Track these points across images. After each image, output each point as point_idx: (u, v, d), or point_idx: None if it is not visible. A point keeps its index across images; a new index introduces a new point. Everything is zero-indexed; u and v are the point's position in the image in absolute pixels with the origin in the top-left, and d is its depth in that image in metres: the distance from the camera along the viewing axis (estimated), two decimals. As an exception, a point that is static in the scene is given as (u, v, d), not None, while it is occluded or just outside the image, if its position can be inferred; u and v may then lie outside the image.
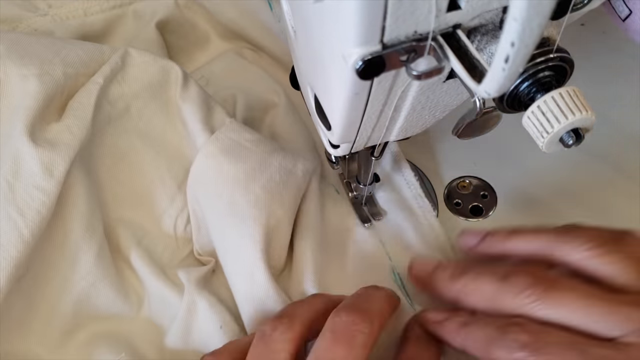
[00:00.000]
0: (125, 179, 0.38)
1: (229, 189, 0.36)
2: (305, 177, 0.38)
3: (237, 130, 0.38)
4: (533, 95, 0.23)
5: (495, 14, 0.21)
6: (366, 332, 0.28)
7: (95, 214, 0.36)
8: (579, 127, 0.23)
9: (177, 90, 0.38)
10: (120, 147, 0.38)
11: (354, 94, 0.23)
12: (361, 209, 0.40)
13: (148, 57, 0.38)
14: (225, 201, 0.36)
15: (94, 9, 0.45)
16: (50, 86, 0.35)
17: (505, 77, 0.18)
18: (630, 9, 0.34)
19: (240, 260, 0.35)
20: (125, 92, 0.37)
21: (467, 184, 0.42)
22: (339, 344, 0.27)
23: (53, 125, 0.35)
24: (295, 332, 0.29)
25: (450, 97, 0.28)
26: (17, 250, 0.32)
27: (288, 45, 0.32)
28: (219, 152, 0.37)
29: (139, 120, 0.38)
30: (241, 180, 0.36)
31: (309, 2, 0.21)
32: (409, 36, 0.20)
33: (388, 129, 0.30)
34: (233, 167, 0.36)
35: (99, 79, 0.36)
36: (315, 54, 0.25)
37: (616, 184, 0.41)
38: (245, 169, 0.36)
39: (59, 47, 0.36)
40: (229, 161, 0.36)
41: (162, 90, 0.38)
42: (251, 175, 0.36)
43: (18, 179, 0.33)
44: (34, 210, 0.32)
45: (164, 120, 0.39)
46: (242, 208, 0.35)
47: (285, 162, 0.37)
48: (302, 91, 0.35)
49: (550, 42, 0.23)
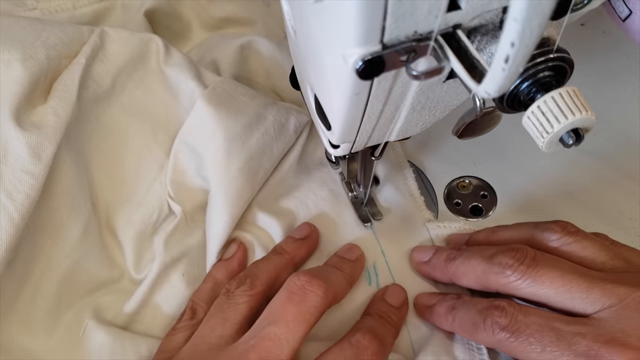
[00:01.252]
0: (113, 153, 0.39)
1: (228, 142, 0.37)
2: (296, 132, 0.40)
3: (231, 85, 0.39)
4: (533, 95, 0.23)
5: (495, 14, 0.21)
6: (320, 294, 0.30)
7: (83, 192, 0.37)
8: (579, 127, 0.23)
9: (160, 58, 0.39)
10: (106, 123, 0.38)
11: (354, 94, 0.23)
12: (361, 209, 0.40)
13: (124, 32, 0.38)
14: (222, 152, 0.37)
15: (82, 2, 0.45)
16: (34, 70, 0.35)
17: (505, 77, 0.18)
18: (630, 9, 0.34)
19: (216, 204, 0.37)
20: (110, 69, 0.38)
21: (467, 184, 0.42)
22: (291, 301, 0.30)
23: (39, 108, 0.35)
24: (257, 289, 0.32)
25: (450, 97, 0.28)
26: (7, 234, 0.32)
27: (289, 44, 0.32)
28: (217, 102, 0.37)
29: (122, 94, 0.39)
30: (239, 134, 0.37)
31: (309, 2, 0.21)
32: (409, 36, 0.20)
33: (388, 129, 0.30)
34: (232, 120, 0.37)
35: (82, 59, 0.36)
36: (315, 54, 0.25)
37: (616, 184, 0.41)
38: (243, 122, 0.37)
39: (38, 29, 0.36)
40: (228, 114, 0.37)
41: (143, 62, 0.39)
42: (248, 129, 0.37)
43: (6, 163, 0.33)
44: (23, 194, 0.33)
45: (146, 91, 0.39)
46: (236, 160, 0.37)
47: (279, 116, 0.39)
48: (302, 91, 0.35)
49: (550, 42, 0.23)
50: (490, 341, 0.29)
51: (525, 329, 0.28)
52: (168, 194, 0.39)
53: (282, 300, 0.30)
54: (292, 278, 0.31)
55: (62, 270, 0.36)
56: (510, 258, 0.30)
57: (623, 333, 0.26)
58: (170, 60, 0.38)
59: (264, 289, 0.33)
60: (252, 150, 0.37)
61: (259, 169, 0.38)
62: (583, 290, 0.28)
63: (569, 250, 0.31)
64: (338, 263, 0.35)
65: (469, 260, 0.32)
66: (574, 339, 0.27)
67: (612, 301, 0.27)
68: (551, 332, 0.27)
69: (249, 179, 0.38)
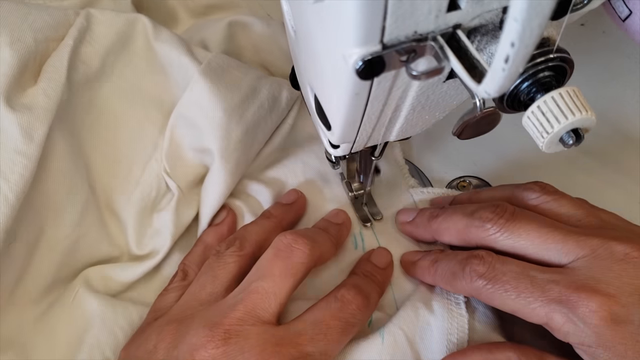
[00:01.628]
0: (108, 134, 0.39)
1: (227, 115, 0.37)
2: (288, 105, 0.41)
3: (224, 60, 0.39)
4: (533, 96, 0.23)
5: (495, 14, 0.21)
6: (306, 251, 0.32)
7: (79, 173, 0.37)
8: (579, 127, 0.23)
9: (150, 35, 0.39)
10: (99, 104, 0.38)
11: (354, 94, 0.23)
12: (361, 209, 0.40)
13: (110, 13, 0.38)
14: (223, 125, 0.37)
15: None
16: (23, 53, 0.35)
17: (505, 77, 0.18)
18: (630, 9, 0.34)
19: (215, 174, 0.38)
20: (98, 50, 0.38)
21: (467, 184, 0.42)
22: (278, 258, 0.31)
23: (29, 90, 0.35)
24: (246, 250, 0.34)
25: (450, 97, 0.28)
26: (4, 214, 0.32)
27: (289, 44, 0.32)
28: (214, 76, 0.38)
29: (112, 74, 0.39)
30: (237, 107, 0.38)
31: (309, 2, 0.21)
32: (409, 36, 0.20)
33: (388, 129, 0.30)
34: (230, 94, 0.37)
35: (69, 41, 0.36)
36: (316, 54, 0.25)
37: (616, 184, 0.41)
38: (239, 95, 0.38)
39: (24, 13, 0.36)
40: (226, 88, 0.38)
41: (130, 42, 0.39)
42: (245, 102, 0.38)
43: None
44: (17, 174, 0.33)
45: (136, 70, 0.39)
46: (236, 132, 0.38)
47: (273, 89, 0.40)
48: (302, 91, 0.35)
49: (550, 42, 0.23)
50: (469, 289, 0.30)
51: (502, 277, 0.29)
52: (164, 169, 0.39)
53: (269, 257, 0.32)
54: (279, 237, 0.32)
55: (62, 250, 0.36)
56: (490, 212, 0.31)
57: (594, 280, 0.27)
58: (160, 36, 0.39)
59: (252, 250, 0.34)
60: (248, 122, 0.38)
61: (254, 141, 0.39)
62: (558, 242, 0.29)
63: (547, 208, 0.32)
64: (324, 225, 0.37)
65: (451, 216, 0.33)
66: (547, 286, 0.28)
67: (585, 252, 0.28)
68: (526, 279, 0.29)
69: (245, 151, 0.39)
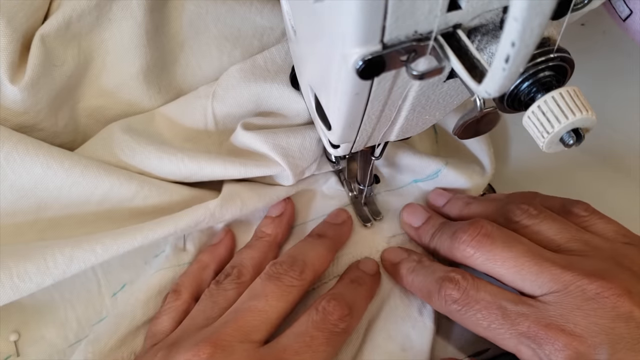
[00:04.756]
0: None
1: None
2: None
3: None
4: (533, 95, 0.23)
5: (496, 13, 0.21)
6: (295, 277, 0.33)
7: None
8: (580, 127, 0.23)
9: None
10: (89, 54, 0.38)
11: (354, 94, 0.23)
12: (361, 209, 0.40)
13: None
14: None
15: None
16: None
17: (506, 77, 0.18)
18: (630, 9, 0.34)
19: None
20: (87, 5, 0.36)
21: (467, 184, 0.42)
22: (270, 281, 0.33)
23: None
24: (244, 278, 0.34)
25: (450, 97, 0.28)
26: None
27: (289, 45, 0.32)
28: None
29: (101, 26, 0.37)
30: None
31: (309, 2, 0.21)
32: (409, 36, 0.20)
33: (388, 129, 0.30)
34: None
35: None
36: (315, 54, 0.25)
37: (616, 184, 0.41)
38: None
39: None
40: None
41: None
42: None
43: None
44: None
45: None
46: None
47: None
48: (302, 91, 0.35)
49: (551, 42, 0.23)
50: (443, 310, 0.32)
51: (474, 304, 0.30)
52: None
53: (262, 280, 0.33)
54: (270, 265, 0.34)
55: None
56: (464, 233, 0.32)
57: (562, 318, 0.28)
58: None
59: (251, 276, 0.34)
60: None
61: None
62: (533, 274, 0.30)
63: (529, 231, 0.32)
64: (322, 230, 0.38)
65: (441, 237, 0.35)
66: (517, 319, 0.29)
67: (558, 287, 0.29)
68: (498, 310, 0.29)
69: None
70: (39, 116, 0.36)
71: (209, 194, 0.38)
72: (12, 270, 0.32)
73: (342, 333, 0.31)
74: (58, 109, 0.38)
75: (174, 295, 0.35)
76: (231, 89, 0.39)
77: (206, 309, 0.33)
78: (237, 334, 0.30)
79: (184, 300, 0.35)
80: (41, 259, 0.32)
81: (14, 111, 0.35)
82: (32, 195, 0.35)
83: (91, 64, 0.38)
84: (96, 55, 0.38)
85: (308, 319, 0.31)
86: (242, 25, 0.40)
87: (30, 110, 0.35)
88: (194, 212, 0.35)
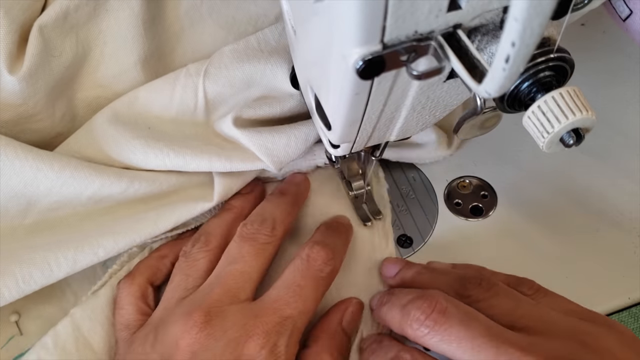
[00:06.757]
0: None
1: None
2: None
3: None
4: (533, 95, 0.23)
5: (496, 13, 0.21)
6: (267, 233, 0.34)
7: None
8: (580, 127, 0.23)
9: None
10: (87, 45, 0.38)
11: (354, 94, 0.23)
12: (361, 208, 0.40)
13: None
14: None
15: None
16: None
17: (506, 77, 0.18)
18: (630, 9, 0.34)
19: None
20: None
21: (467, 184, 0.42)
22: (245, 242, 0.33)
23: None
24: (212, 245, 0.35)
25: (450, 97, 0.28)
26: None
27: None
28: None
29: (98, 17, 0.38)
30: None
31: (309, 2, 0.21)
32: (409, 36, 0.20)
33: (388, 128, 0.30)
34: None
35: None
36: (315, 53, 0.25)
37: (616, 184, 0.41)
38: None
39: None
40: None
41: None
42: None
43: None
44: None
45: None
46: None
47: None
48: (302, 91, 0.35)
49: (551, 42, 0.23)
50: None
51: None
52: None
53: (236, 242, 0.34)
54: (241, 227, 0.34)
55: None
56: (417, 309, 0.29)
57: None
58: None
59: (219, 243, 0.35)
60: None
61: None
62: (491, 356, 0.27)
63: (483, 306, 0.30)
64: (284, 189, 0.39)
65: (390, 309, 0.32)
66: None
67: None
68: None
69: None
70: (37, 107, 0.36)
71: (197, 178, 0.39)
72: (17, 276, 0.32)
73: (326, 277, 0.32)
74: (56, 99, 0.38)
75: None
76: (224, 68, 0.39)
77: (180, 283, 0.33)
78: (225, 297, 0.31)
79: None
80: (45, 264, 0.33)
81: (12, 102, 0.35)
82: (22, 196, 0.35)
83: (89, 54, 0.38)
84: (94, 45, 0.38)
85: (294, 268, 0.32)
86: (236, 14, 0.40)
87: (28, 101, 0.36)
88: (192, 211, 0.36)
